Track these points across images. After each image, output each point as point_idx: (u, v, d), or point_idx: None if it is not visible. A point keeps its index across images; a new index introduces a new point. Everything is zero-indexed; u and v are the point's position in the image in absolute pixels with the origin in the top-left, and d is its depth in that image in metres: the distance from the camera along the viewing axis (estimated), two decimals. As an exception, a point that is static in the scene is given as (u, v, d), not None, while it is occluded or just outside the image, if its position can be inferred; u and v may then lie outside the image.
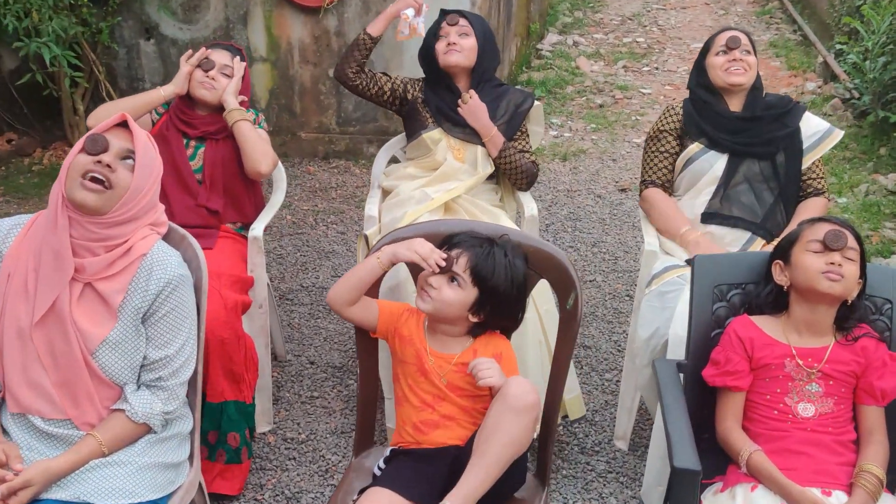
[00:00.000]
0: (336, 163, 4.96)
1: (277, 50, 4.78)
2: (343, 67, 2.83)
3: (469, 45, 2.79)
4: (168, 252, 1.75)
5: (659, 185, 2.67)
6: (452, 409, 1.82)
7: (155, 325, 1.72)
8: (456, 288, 1.79)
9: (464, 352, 1.84)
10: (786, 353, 1.81)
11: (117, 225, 1.69)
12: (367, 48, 2.79)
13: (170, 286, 1.71)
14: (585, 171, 4.97)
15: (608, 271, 3.83)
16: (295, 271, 3.79)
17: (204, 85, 2.65)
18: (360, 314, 1.90)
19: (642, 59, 7.28)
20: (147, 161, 1.72)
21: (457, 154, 2.84)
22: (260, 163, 2.60)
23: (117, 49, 4.73)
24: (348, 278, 1.87)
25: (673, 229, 2.57)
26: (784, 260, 1.86)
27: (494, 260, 1.81)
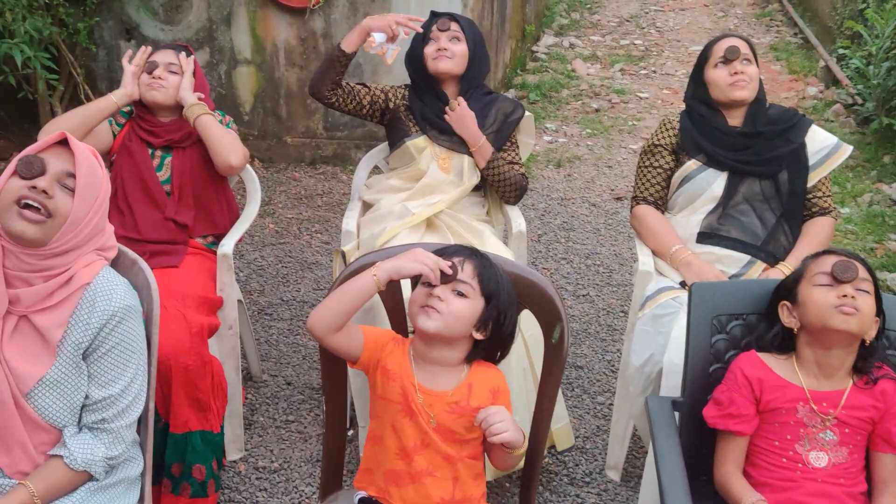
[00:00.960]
0: (323, 168, 4.81)
1: (263, 52, 4.63)
2: (317, 85, 2.66)
3: (460, 52, 2.64)
4: (114, 281, 1.59)
5: (651, 202, 2.52)
6: (434, 458, 1.64)
7: (98, 362, 1.56)
8: (464, 299, 1.61)
9: (458, 387, 1.66)
10: (799, 396, 1.66)
11: (57, 255, 1.53)
12: (341, 65, 2.62)
13: (115, 319, 1.55)
14: (580, 178, 4.82)
15: (602, 285, 3.68)
16: (276, 284, 3.63)
17: (152, 86, 2.50)
18: (343, 342, 1.66)
19: (640, 61, 7.13)
20: (91, 183, 1.56)
21: (442, 164, 2.69)
22: (229, 155, 2.45)
23: (95, 50, 4.56)
24: (337, 301, 1.62)
25: (664, 248, 2.42)
26: (791, 300, 1.70)
27: (492, 267, 1.67)
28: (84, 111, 2.46)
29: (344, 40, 2.62)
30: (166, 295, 2.25)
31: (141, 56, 2.55)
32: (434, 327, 1.60)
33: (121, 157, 2.53)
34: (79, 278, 1.54)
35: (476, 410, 1.63)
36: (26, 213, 1.49)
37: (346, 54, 2.61)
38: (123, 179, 2.50)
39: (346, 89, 2.68)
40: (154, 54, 2.57)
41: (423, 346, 1.66)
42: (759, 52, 2.73)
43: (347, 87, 2.69)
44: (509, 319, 1.68)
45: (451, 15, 2.69)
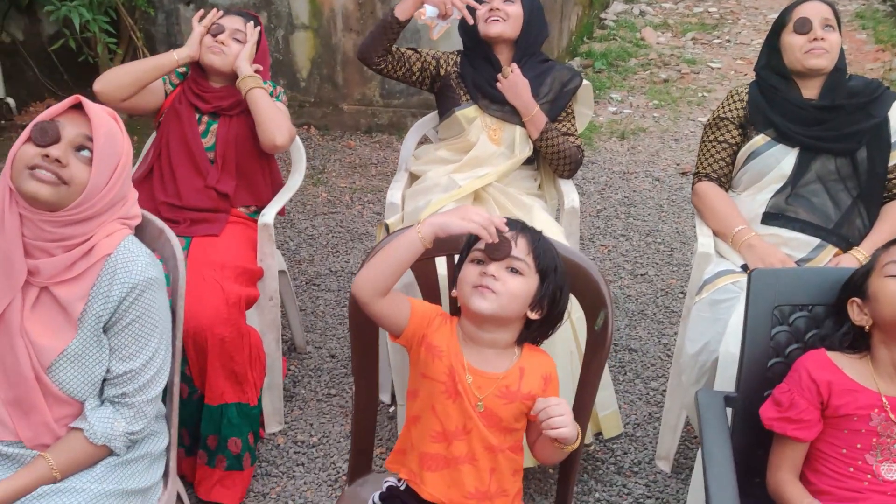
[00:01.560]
0: (378, 137, 4.73)
1: (320, 17, 4.55)
2: (368, 51, 2.55)
3: (514, 13, 2.50)
4: (135, 251, 1.54)
5: (714, 178, 2.36)
6: (475, 446, 1.54)
7: (118, 336, 1.51)
8: (519, 277, 1.50)
9: (510, 370, 1.54)
10: (874, 402, 1.50)
11: (76, 223, 1.48)
12: (394, 32, 2.51)
13: (135, 291, 1.50)
14: (644, 152, 4.62)
15: (662, 264, 3.51)
16: (325, 254, 3.58)
17: (213, 49, 2.44)
18: (389, 310, 1.52)
19: (713, 30, 6.81)
20: (109, 151, 1.49)
21: (493, 135, 2.57)
22: (275, 134, 2.38)
23: (154, 14, 4.56)
24: (383, 258, 1.49)
25: (725, 228, 2.25)
26: (861, 296, 1.54)
27: (546, 242, 1.55)
28: (143, 65, 2.43)
29: (398, 7, 2.51)
30: (205, 264, 2.22)
31: (210, 18, 2.49)
32: (490, 308, 1.48)
33: (168, 118, 2.49)
34: (100, 249, 1.49)
35: (527, 397, 1.53)
36: (38, 173, 1.44)
37: (400, 22, 2.50)
38: (169, 143, 2.46)
39: (395, 55, 2.58)
40: (223, 18, 2.51)
41: (474, 328, 1.54)
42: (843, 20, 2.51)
43: (398, 52, 2.59)
44: (564, 297, 1.56)
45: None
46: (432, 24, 2.51)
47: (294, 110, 4.75)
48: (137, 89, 2.40)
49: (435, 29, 2.53)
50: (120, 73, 2.42)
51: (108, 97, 2.37)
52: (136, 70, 2.42)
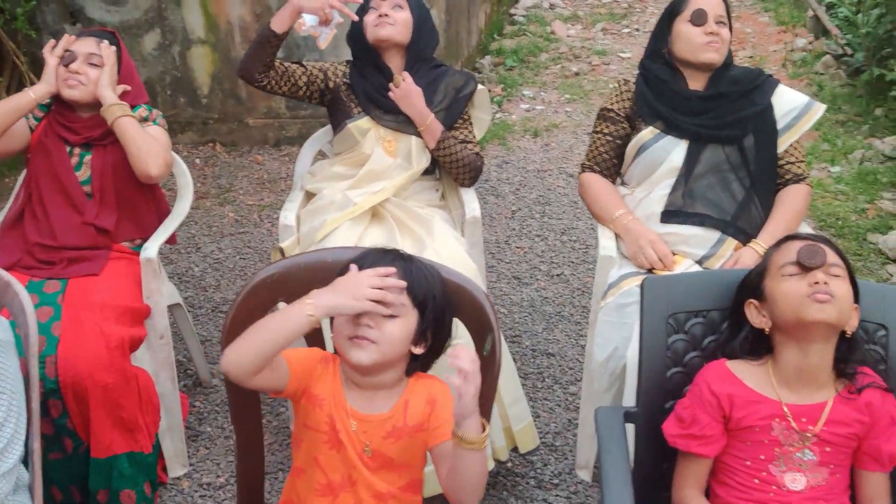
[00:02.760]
0: (288, 150, 4.58)
1: (217, 30, 4.38)
2: (247, 67, 2.41)
3: (403, 19, 2.41)
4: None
5: (598, 171, 2.33)
6: (363, 496, 1.44)
7: None
8: (396, 319, 1.40)
9: (395, 406, 1.46)
10: (775, 412, 1.44)
11: None
12: (272, 46, 2.38)
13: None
14: (558, 148, 4.59)
15: (578, 262, 3.48)
16: (233, 278, 3.43)
17: (68, 83, 2.27)
18: (266, 380, 1.40)
19: (622, 20, 6.86)
20: None
21: (388, 146, 2.47)
22: (148, 164, 2.23)
23: (35, 36, 4.32)
24: (262, 338, 1.35)
25: (607, 214, 2.24)
26: (757, 297, 1.49)
27: (420, 269, 1.46)
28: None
29: (274, 19, 2.38)
30: (83, 307, 2.08)
31: (62, 46, 2.32)
32: (369, 359, 1.40)
33: (36, 155, 2.32)
34: None
35: (416, 429, 1.44)
36: None
37: (277, 35, 2.37)
38: (38, 180, 2.30)
39: (279, 70, 2.46)
40: (75, 43, 2.34)
41: (357, 375, 1.45)
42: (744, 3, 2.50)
43: (281, 67, 2.47)
44: (448, 323, 1.49)
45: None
46: (316, 34, 2.40)
47: (198, 128, 4.58)
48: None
49: (321, 38, 2.41)
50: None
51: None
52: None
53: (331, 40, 2.43)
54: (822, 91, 4.91)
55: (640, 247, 2.12)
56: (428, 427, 1.46)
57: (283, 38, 2.39)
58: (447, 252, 2.19)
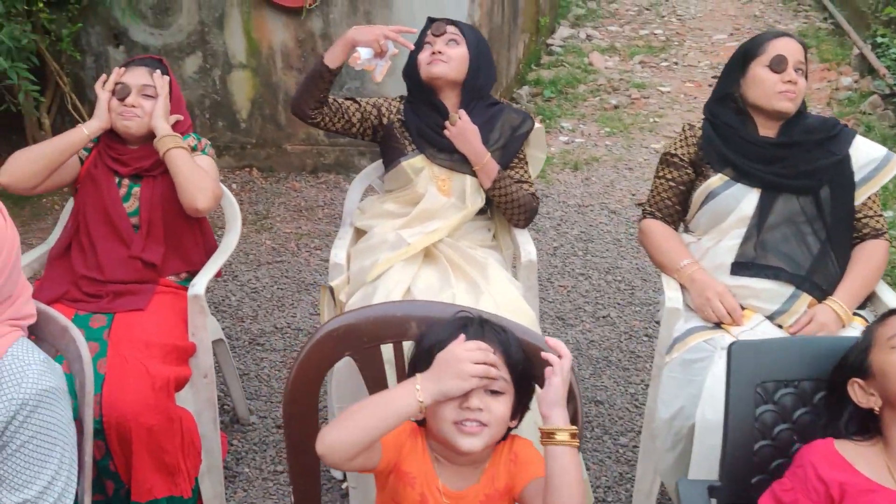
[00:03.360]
0: (325, 177, 4.54)
1: (258, 55, 4.36)
2: (300, 104, 2.35)
3: (457, 56, 2.35)
4: (25, 359, 1.32)
5: (660, 217, 2.24)
6: None
7: (8, 462, 1.29)
8: (500, 397, 1.33)
9: (485, 476, 1.39)
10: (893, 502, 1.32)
11: None
12: (326, 82, 2.32)
13: (26, 409, 1.29)
14: (599, 183, 4.51)
15: (624, 304, 3.38)
16: (270, 308, 3.37)
17: (124, 115, 2.22)
18: (362, 463, 1.32)
19: (660, 52, 6.79)
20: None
21: (441, 185, 2.40)
22: (195, 197, 2.17)
23: (79, 58, 4.31)
24: (362, 423, 1.26)
25: (671, 263, 2.14)
26: (862, 375, 1.39)
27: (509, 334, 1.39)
28: (51, 147, 2.19)
29: (327, 54, 2.33)
30: (128, 344, 2.01)
31: (113, 79, 2.27)
32: (481, 444, 1.32)
33: (85, 186, 2.27)
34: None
35: (505, 490, 1.37)
36: None
37: (331, 70, 2.32)
38: (86, 212, 2.25)
39: (332, 107, 2.40)
40: (126, 73, 2.29)
41: (454, 454, 1.37)
42: None
43: (335, 103, 2.41)
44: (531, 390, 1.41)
45: (448, 20, 2.40)
46: (372, 68, 2.34)
47: (235, 152, 4.55)
48: (49, 174, 2.18)
49: (376, 71, 2.36)
50: (27, 160, 2.17)
51: (18, 188, 2.16)
52: (43, 155, 2.18)
53: (385, 73, 2.38)
54: (871, 132, 4.80)
55: (708, 299, 2.02)
56: (515, 474, 1.39)
57: (337, 73, 2.34)
58: (504, 298, 2.11)
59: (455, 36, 2.34)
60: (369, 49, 2.28)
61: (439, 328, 1.38)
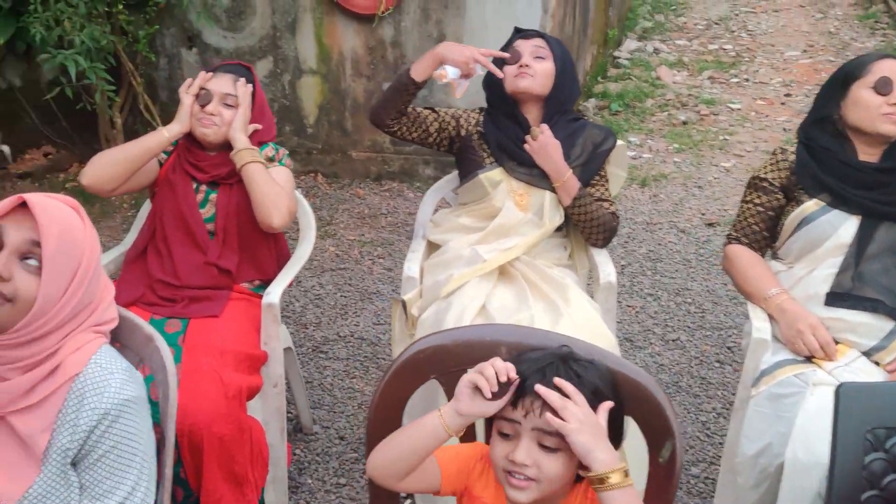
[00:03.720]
0: (388, 185, 4.52)
1: (328, 61, 4.36)
2: (380, 113, 2.34)
3: (544, 70, 2.29)
4: (109, 367, 1.31)
5: (746, 243, 2.16)
6: None
7: (89, 471, 1.28)
8: (554, 454, 1.25)
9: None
10: None
11: (29, 343, 1.26)
12: (409, 94, 2.30)
13: (108, 418, 1.27)
14: (667, 200, 4.40)
15: (694, 328, 3.28)
16: (333, 316, 3.35)
17: (203, 122, 2.22)
18: (417, 483, 1.34)
19: (730, 68, 6.63)
20: (63, 256, 1.25)
21: (519, 200, 2.35)
22: (270, 214, 2.15)
23: (155, 59, 4.37)
24: (400, 447, 1.30)
25: (759, 292, 2.05)
26: None
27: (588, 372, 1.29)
28: (132, 150, 2.20)
29: (414, 67, 2.30)
30: (203, 351, 2.00)
31: (198, 84, 2.27)
32: (527, 499, 1.26)
33: (163, 190, 2.28)
34: (67, 368, 1.27)
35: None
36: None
37: (416, 83, 2.29)
38: (163, 217, 2.25)
39: (411, 116, 2.37)
40: (211, 80, 2.28)
41: None
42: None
43: (413, 113, 2.38)
44: (620, 427, 1.33)
45: (536, 31, 2.35)
46: (454, 85, 2.31)
47: (301, 157, 4.56)
48: (129, 176, 2.19)
49: (458, 89, 2.32)
50: (107, 163, 2.18)
51: (99, 189, 2.17)
52: (124, 157, 2.19)
53: (465, 91, 2.34)
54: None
55: (800, 331, 1.93)
56: None
57: (422, 86, 2.31)
58: (584, 321, 2.05)
59: (542, 50, 2.29)
60: (457, 70, 2.25)
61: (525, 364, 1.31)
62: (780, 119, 5.57)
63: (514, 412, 1.27)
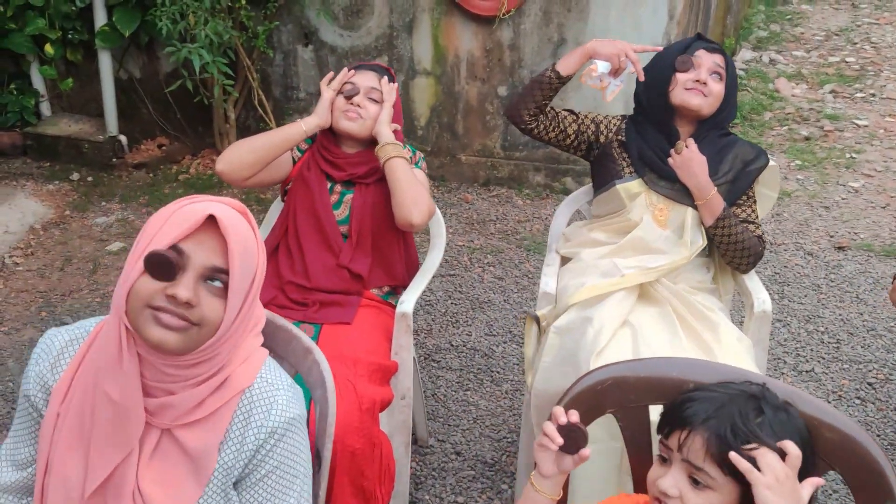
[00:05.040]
0: (497, 191, 4.41)
1: (443, 62, 4.29)
2: (517, 108, 2.23)
3: (717, 92, 2.15)
4: (275, 383, 1.25)
5: None
6: None
7: (251, 490, 1.22)
8: (705, 491, 1.16)
9: None
10: None
11: (206, 361, 1.20)
12: (552, 89, 2.20)
13: (273, 437, 1.21)
14: (791, 220, 4.17)
15: (829, 359, 3.06)
16: (444, 324, 3.27)
17: (348, 115, 2.16)
18: None
19: (854, 82, 6.28)
20: (244, 273, 1.18)
21: (658, 215, 2.21)
22: (412, 211, 2.08)
23: (272, 55, 4.38)
24: None
25: None
26: None
27: (748, 425, 1.17)
28: (268, 139, 2.15)
29: (561, 62, 2.20)
30: (338, 360, 1.93)
31: (340, 80, 2.21)
32: None
33: (296, 188, 2.23)
34: (236, 381, 1.21)
35: None
36: (163, 318, 1.15)
37: (561, 77, 2.19)
38: (297, 215, 2.20)
39: (549, 115, 2.26)
40: (355, 74, 2.23)
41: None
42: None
43: (551, 112, 2.27)
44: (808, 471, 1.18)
45: (719, 46, 2.21)
46: (603, 85, 2.18)
47: (409, 158, 4.49)
48: (263, 166, 2.14)
49: (608, 90, 2.20)
50: (243, 151, 2.14)
51: (232, 177, 2.12)
52: (261, 146, 2.14)
53: (616, 95, 2.21)
54: None
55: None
56: None
57: (567, 81, 2.20)
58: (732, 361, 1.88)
59: (721, 70, 2.15)
60: (607, 63, 2.13)
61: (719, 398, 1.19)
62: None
63: (669, 441, 1.20)
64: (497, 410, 2.76)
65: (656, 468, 1.22)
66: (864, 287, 3.55)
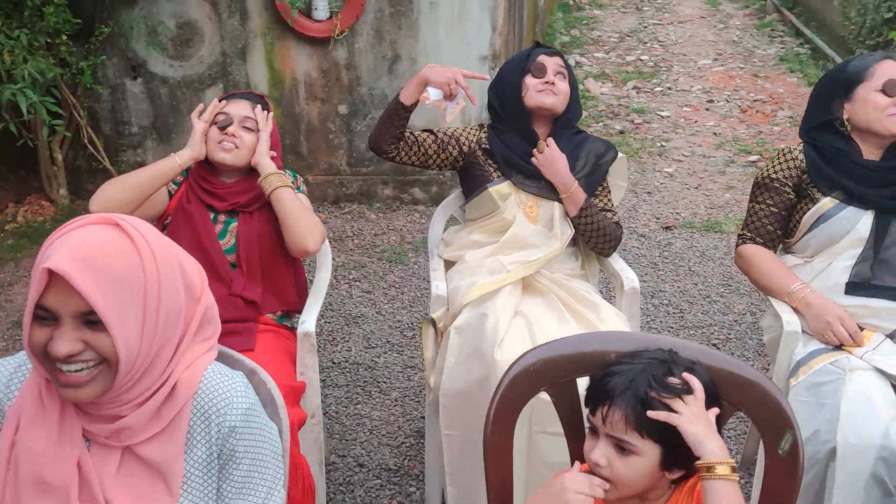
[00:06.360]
0: (348, 207, 4.48)
1: (281, 86, 4.30)
2: (377, 140, 2.34)
3: (565, 90, 2.35)
4: (225, 374, 1.28)
5: (760, 242, 2.26)
6: None
7: (225, 482, 1.25)
8: (630, 457, 1.31)
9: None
10: None
11: (136, 384, 1.18)
12: (401, 118, 2.31)
13: (235, 433, 1.25)
14: (621, 207, 4.54)
15: (677, 328, 3.39)
16: (322, 343, 3.29)
17: (223, 146, 2.16)
18: None
19: (651, 78, 6.91)
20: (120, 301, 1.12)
21: (529, 212, 2.38)
22: (306, 239, 2.12)
23: (100, 91, 4.20)
24: None
25: (781, 288, 2.15)
26: None
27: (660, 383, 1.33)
28: (144, 175, 2.11)
29: (402, 91, 2.31)
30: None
31: (211, 111, 2.20)
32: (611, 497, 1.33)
33: (177, 221, 2.19)
34: (183, 388, 1.21)
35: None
36: (62, 378, 1.14)
37: (406, 107, 2.30)
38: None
39: (408, 141, 2.37)
40: (227, 104, 2.23)
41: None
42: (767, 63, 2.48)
43: (410, 137, 2.38)
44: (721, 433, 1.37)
45: (556, 49, 2.42)
46: (442, 106, 2.32)
47: (254, 184, 4.46)
48: (140, 203, 2.10)
49: (447, 111, 2.33)
50: (117, 190, 2.09)
51: None
52: (136, 183, 2.10)
53: (456, 115, 2.35)
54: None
55: (829, 323, 2.04)
56: None
57: (412, 109, 2.32)
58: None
59: (563, 69, 2.35)
60: (439, 91, 2.26)
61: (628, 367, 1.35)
62: (708, 124, 5.84)
63: (594, 418, 1.33)
64: (390, 419, 2.83)
65: (588, 440, 1.35)
66: (694, 260, 3.95)
